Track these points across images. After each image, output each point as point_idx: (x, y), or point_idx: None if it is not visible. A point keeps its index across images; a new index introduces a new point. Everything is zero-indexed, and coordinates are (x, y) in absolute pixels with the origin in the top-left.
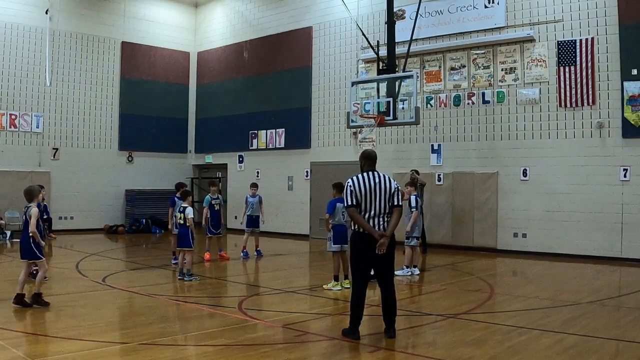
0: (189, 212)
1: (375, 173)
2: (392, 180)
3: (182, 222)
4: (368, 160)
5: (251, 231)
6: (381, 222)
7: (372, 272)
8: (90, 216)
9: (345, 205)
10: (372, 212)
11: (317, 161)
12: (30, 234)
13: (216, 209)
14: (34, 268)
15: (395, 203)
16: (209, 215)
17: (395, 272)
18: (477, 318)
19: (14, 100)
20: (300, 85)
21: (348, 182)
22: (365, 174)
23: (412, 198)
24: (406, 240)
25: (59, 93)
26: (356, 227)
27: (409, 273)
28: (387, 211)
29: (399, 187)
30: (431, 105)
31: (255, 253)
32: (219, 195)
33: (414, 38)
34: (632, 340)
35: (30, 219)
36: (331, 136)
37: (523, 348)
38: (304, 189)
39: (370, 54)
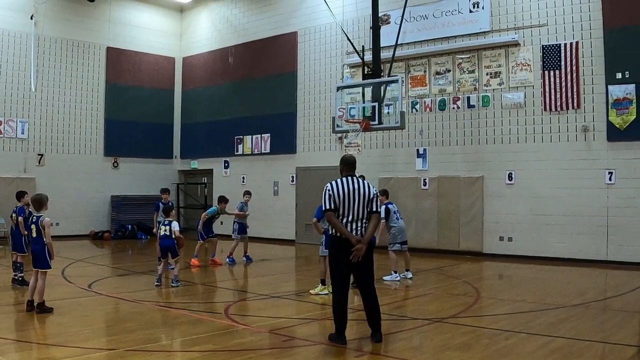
0: (175, 225)
1: (355, 178)
2: (371, 186)
3: (167, 233)
4: (347, 165)
5: (241, 237)
6: (359, 227)
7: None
8: (76, 222)
9: (323, 209)
10: (350, 217)
11: (303, 166)
12: (47, 244)
13: (213, 220)
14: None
15: (374, 209)
16: (202, 221)
17: (384, 278)
18: (464, 322)
19: None
20: (286, 90)
21: (327, 187)
22: (344, 179)
23: (382, 208)
24: (389, 246)
25: (44, 99)
26: (334, 231)
27: (397, 278)
28: (365, 216)
29: (378, 194)
30: (416, 110)
31: (244, 258)
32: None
33: (399, 43)
34: (617, 342)
35: (44, 229)
36: (317, 141)
37: (509, 351)
38: (290, 194)
39: (356, 58)
